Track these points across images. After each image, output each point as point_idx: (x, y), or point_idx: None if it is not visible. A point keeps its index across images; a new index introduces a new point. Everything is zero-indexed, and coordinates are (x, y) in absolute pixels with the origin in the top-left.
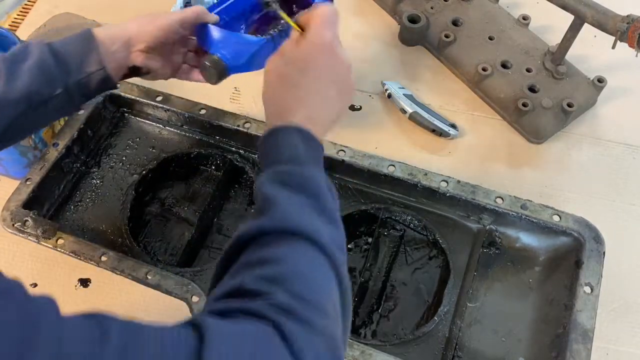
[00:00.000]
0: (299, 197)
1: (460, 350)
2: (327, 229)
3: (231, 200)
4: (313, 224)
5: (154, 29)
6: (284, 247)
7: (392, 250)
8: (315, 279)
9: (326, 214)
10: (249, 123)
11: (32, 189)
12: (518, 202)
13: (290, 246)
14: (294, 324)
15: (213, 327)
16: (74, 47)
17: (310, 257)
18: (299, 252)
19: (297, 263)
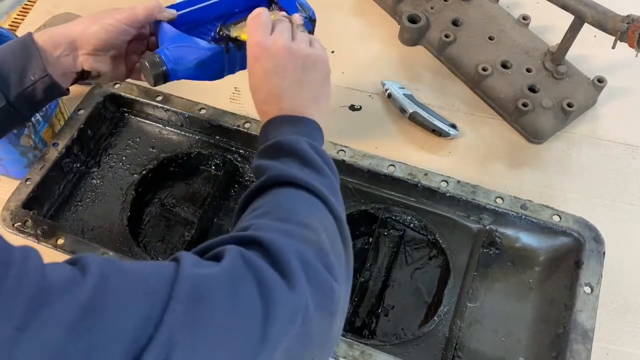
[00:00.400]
0: (280, 158)
1: (460, 350)
2: (309, 174)
3: (231, 200)
4: (292, 172)
5: (99, 30)
6: (268, 195)
7: (392, 250)
8: (294, 205)
9: (307, 164)
10: (249, 123)
11: (32, 189)
12: (518, 202)
13: (273, 192)
14: (270, 234)
15: (188, 257)
16: (12, 56)
17: (291, 193)
18: (281, 194)
19: (277, 199)
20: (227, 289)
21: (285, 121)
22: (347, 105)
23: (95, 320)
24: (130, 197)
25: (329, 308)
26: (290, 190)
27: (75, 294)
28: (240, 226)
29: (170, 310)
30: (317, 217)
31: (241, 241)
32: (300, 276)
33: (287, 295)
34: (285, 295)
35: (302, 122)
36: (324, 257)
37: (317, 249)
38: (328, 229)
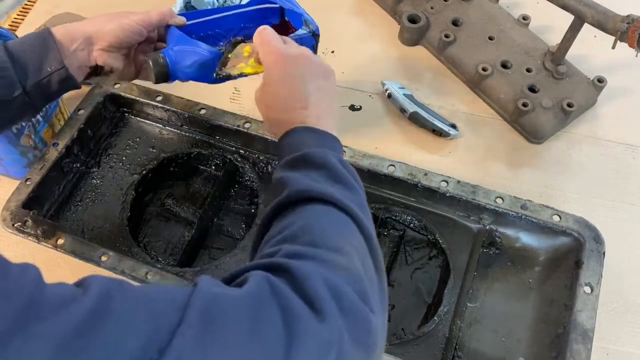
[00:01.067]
0: (307, 171)
1: (460, 350)
2: (339, 190)
3: (231, 200)
4: (321, 187)
5: (116, 28)
6: (296, 213)
7: (392, 250)
8: (324, 227)
9: (336, 180)
10: (249, 123)
11: (32, 189)
12: (518, 202)
13: (302, 210)
14: (299, 262)
15: (207, 279)
16: (31, 47)
17: (320, 211)
18: (309, 211)
19: (306, 219)
20: (247, 311)
21: (309, 132)
22: (347, 105)
23: (90, 339)
24: (130, 197)
25: (366, 341)
26: (319, 208)
27: (71, 312)
28: (266, 251)
29: (179, 334)
30: (348, 239)
31: (269, 268)
32: (331, 306)
33: (315, 326)
34: (313, 326)
35: (326, 135)
36: (357, 285)
37: (350, 276)
38: (360, 251)
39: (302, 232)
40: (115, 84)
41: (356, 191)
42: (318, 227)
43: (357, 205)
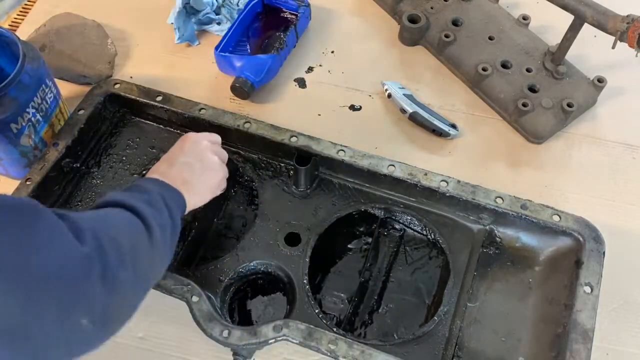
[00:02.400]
0: (137, 193)
1: (460, 350)
2: (146, 206)
3: (231, 200)
4: (131, 201)
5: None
6: (116, 212)
7: (392, 250)
8: (117, 224)
9: (147, 201)
10: (249, 123)
11: (32, 189)
12: (518, 202)
13: (119, 211)
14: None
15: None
16: None
17: (129, 219)
18: (126, 217)
19: (108, 212)
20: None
21: (155, 181)
22: (347, 105)
23: None
24: None
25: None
26: (119, 211)
27: None
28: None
29: None
30: (125, 233)
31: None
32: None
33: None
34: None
35: (168, 187)
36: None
37: (110, 249)
38: (132, 241)
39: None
40: (115, 83)
41: (162, 213)
42: (111, 221)
43: (153, 217)
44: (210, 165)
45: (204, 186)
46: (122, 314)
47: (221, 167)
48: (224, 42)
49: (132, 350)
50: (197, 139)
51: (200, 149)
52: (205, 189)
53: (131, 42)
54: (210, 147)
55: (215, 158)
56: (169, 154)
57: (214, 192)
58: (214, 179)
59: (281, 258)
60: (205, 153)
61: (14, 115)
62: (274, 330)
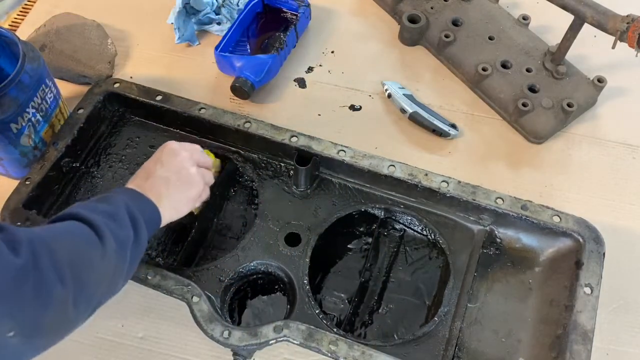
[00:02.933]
0: (100, 205)
1: (460, 351)
2: (104, 219)
3: (231, 200)
4: (87, 214)
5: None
6: (73, 225)
7: (392, 250)
8: (63, 237)
9: (107, 213)
10: (249, 123)
11: (32, 189)
12: (518, 202)
13: (68, 223)
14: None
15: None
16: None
17: (79, 229)
18: (76, 228)
19: (61, 225)
20: None
21: (130, 192)
22: (347, 105)
23: None
24: None
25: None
26: (77, 225)
27: None
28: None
29: None
30: (78, 246)
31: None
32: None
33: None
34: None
35: (142, 198)
36: (53, 257)
37: (53, 253)
38: (83, 253)
39: (48, 227)
40: (114, 83)
41: (122, 226)
42: (59, 228)
43: (111, 230)
44: (187, 179)
45: (181, 200)
46: (58, 329)
47: (201, 178)
48: (224, 42)
49: (132, 350)
50: (176, 149)
51: (179, 160)
52: (182, 203)
53: (131, 42)
54: (189, 158)
55: (193, 170)
56: (147, 165)
57: (192, 204)
58: (192, 191)
59: (281, 258)
60: (184, 164)
61: (14, 115)
62: (274, 331)
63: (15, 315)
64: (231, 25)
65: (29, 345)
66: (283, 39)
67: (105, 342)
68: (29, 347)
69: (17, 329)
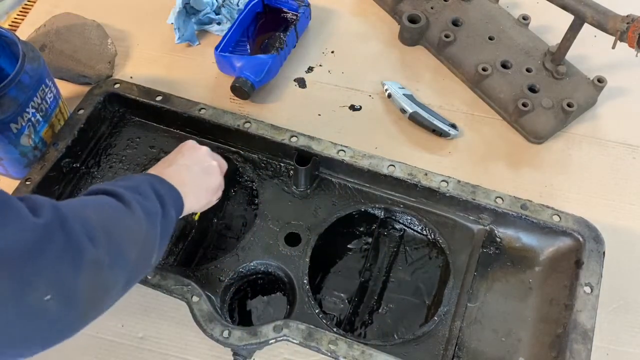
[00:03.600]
0: (121, 182)
1: (460, 350)
2: (128, 191)
3: (231, 200)
4: (109, 187)
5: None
6: (97, 196)
7: (392, 250)
8: (88, 202)
9: (130, 187)
10: (249, 123)
11: (32, 189)
12: (518, 202)
13: (98, 196)
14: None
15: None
16: None
17: (103, 199)
18: (100, 198)
19: (93, 199)
20: None
21: (153, 177)
22: (347, 105)
23: None
24: None
25: (75, 258)
26: (104, 197)
27: None
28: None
29: None
30: (110, 215)
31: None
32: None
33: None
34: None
35: (164, 183)
36: (85, 226)
37: (86, 220)
38: (114, 222)
39: (84, 200)
40: (115, 83)
41: (148, 199)
42: (82, 198)
43: (137, 202)
44: (209, 169)
45: (202, 188)
46: (99, 296)
47: (219, 173)
48: (224, 42)
49: (132, 350)
50: (196, 145)
51: (200, 153)
52: (203, 192)
53: (131, 42)
54: (210, 152)
55: (215, 163)
56: (168, 156)
57: (211, 196)
58: (213, 182)
59: (281, 258)
60: (205, 157)
61: (14, 115)
62: (274, 331)
63: (47, 276)
64: (231, 25)
65: (71, 314)
66: (283, 39)
67: (105, 342)
68: (70, 315)
69: (52, 292)
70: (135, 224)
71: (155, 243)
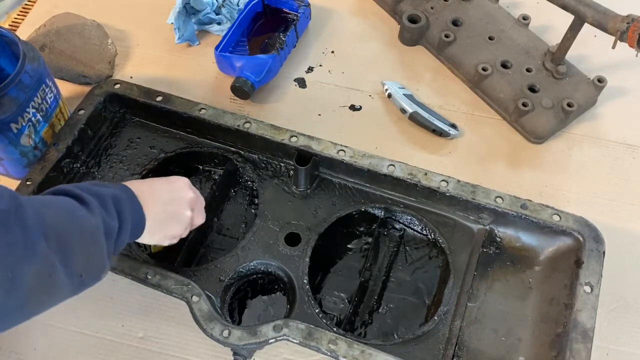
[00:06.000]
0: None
1: (460, 350)
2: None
3: (231, 200)
4: (86, 196)
5: None
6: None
7: (392, 250)
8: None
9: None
10: (248, 123)
11: (33, 190)
12: (518, 201)
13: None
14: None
15: None
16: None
17: (66, 201)
18: (63, 199)
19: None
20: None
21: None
22: (347, 105)
23: None
24: None
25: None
26: (69, 200)
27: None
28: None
29: None
30: (68, 213)
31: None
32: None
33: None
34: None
35: (133, 200)
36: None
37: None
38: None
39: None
40: (115, 84)
41: (111, 218)
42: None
43: (102, 219)
44: (178, 218)
45: (162, 230)
46: (42, 292)
47: (187, 224)
48: (224, 42)
49: (132, 350)
50: (187, 188)
51: (186, 199)
52: (162, 234)
53: (131, 42)
54: (194, 200)
55: (189, 214)
56: (157, 184)
57: (165, 240)
58: (175, 230)
59: (281, 258)
60: (184, 204)
61: (14, 115)
62: (274, 330)
63: None
64: (231, 25)
65: (11, 303)
66: (283, 39)
67: (105, 342)
68: (11, 305)
69: None
70: (91, 233)
71: (104, 258)
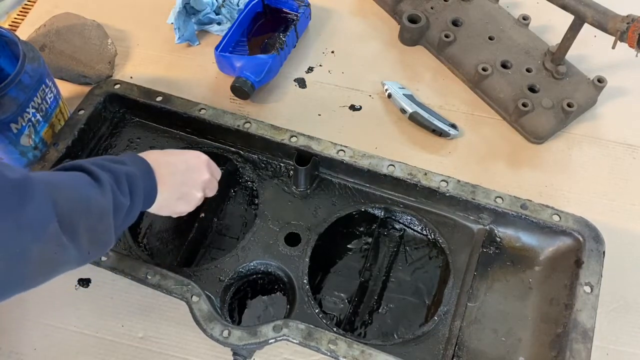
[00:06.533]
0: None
1: (460, 350)
2: (104, 173)
3: (231, 200)
4: (94, 169)
5: None
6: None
7: (392, 250)
8: (77, 183)
9: (116, 179)
10: (249, 123)
11: None
12: (518, 201)
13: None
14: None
15: None
16: None
17: (79, 177)
18: (77, 175)
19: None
20: None
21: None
22: (347, 105)
23: None
24: None
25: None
26: (81, 174)
27: None
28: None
29: None
30: (82, 190)
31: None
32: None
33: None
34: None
35: (149, 170)
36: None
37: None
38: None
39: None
40: (115, 84)
41: (124, 194)
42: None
43: (111, 185)
44: (188, 198)
45: (169, 208)
46: (47, 267)
47: (195, 204)
48: (224, 42)
49: (132, 350)
50: (205, 168)
51: (200, 180)
52: (168, 210)
53: (131, 42)
54: (208, 181)
55: (199, 196)
56: (175, 155)
57: (170, 215)
58: (182, 208)
59: (281, 258)
60: (197, 185)
61: (14, 115)
62: (274, 330)
63: (4, 240)
64: (231, 25)
65: (14, 275)
66: (283, 39)
67: (105, 342)
68: (14, 277)
69: (2, 253)
70: (100, 211)
71: (111, 235)
